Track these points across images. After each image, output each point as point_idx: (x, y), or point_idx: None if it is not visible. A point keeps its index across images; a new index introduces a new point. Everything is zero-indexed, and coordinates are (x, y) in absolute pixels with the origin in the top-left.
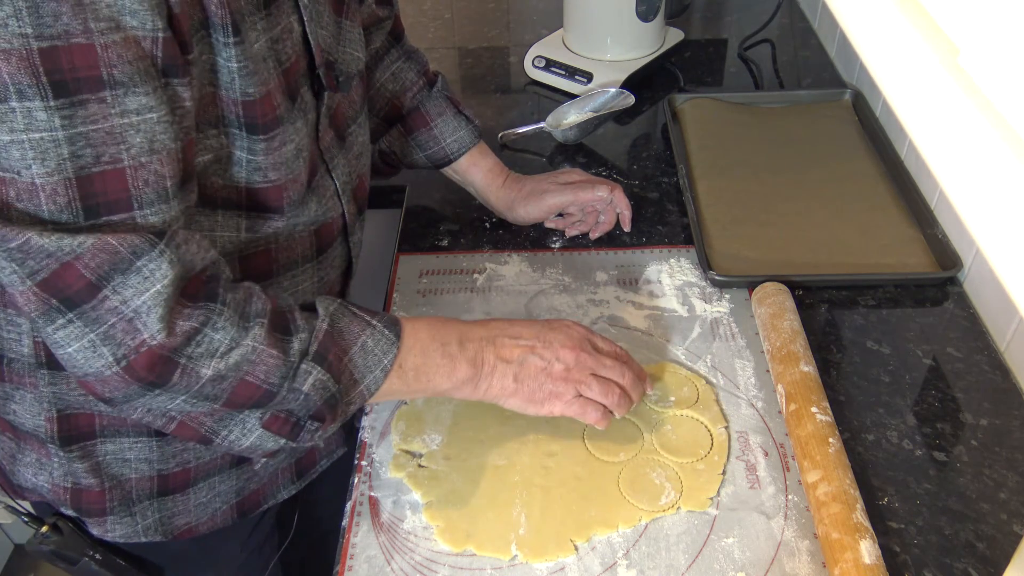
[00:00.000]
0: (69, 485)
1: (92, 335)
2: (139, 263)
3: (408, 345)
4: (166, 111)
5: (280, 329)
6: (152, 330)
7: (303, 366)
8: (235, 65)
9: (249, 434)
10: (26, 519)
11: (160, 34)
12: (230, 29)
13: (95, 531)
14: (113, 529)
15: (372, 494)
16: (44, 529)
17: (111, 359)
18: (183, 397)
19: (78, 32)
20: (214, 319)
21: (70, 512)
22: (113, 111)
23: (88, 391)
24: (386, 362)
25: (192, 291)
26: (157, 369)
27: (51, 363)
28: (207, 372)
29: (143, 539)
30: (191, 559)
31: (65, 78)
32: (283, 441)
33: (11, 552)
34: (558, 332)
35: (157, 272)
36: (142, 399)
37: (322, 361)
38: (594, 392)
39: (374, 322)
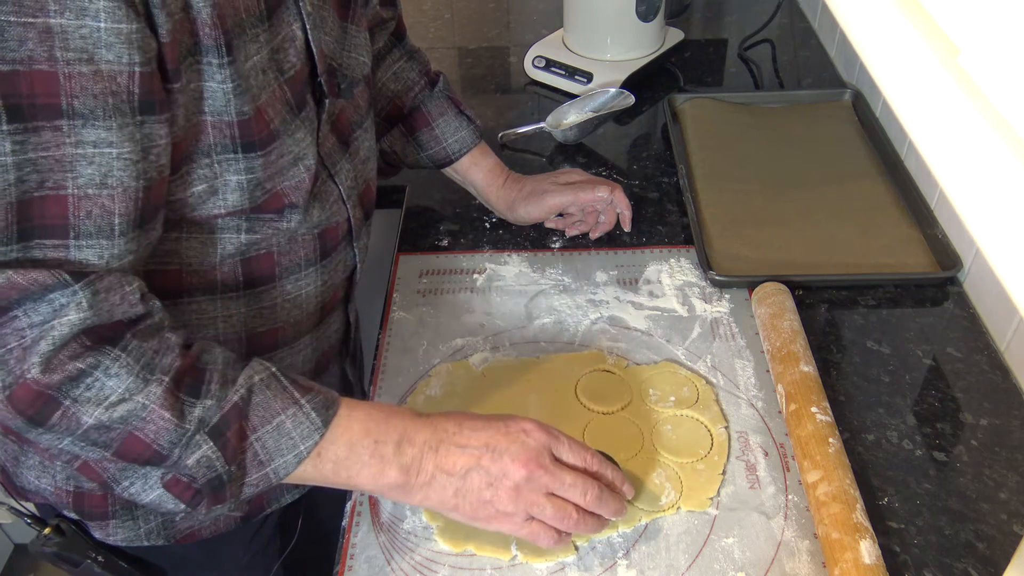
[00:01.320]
0: (72, 488)
1: None
2: (50, 295)
3: (335, 435)
4: (131, 149)
5: (189, 390)
6: (30, 362)
7: (197, 437)
8: (229, 86)
9: (150, 490)
10: (29, 521)
11: (137, 68)
12: (224, 50)
13: (97, 534)
14: (115, 533)
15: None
16: (47, 531)
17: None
18: (68, 439)
19: (42, 59)
20: (107, 364)
21: (72, 515)
22: (67, 140)
23: None
24: (302, 448)
25: (98, 332)
26: (37, 406)
27: None
28: (88, 420)
29: (145, 543)
30: (194, 562)
31: (22, 103)
32: (183, 505)
33: (11, 552)
34: (513, 441)
35: (63, 309)
36: (29, 435)
37: (217, 437)
38: (547, 515)
39: (303, 400)
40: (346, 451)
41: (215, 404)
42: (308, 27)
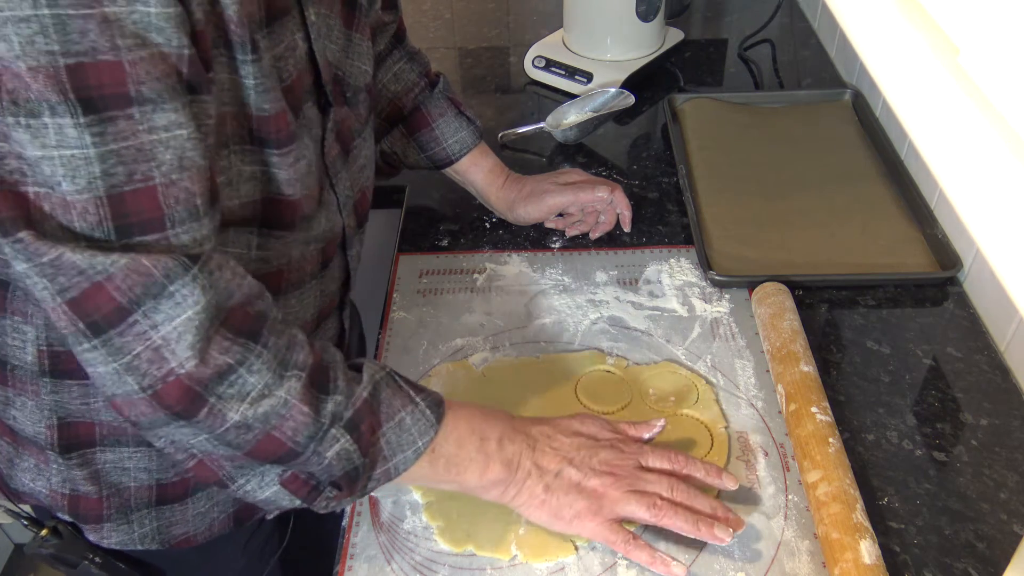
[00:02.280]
0: (67, 491)
1: (115, 364)
2: (172, 287)
3: (446, 432)
4: (194, 128)
5: (318, 386)
6: (181, 357)
7: (333, 431)
8: (252, 82)
9: (266, 488)
10: (26, 522)
11: (186, 51)
12: (249, 47)
13: (92, 537)
14: (110, 536)
15: (372, 494)
16: (44, 532)
17: (136, 387)
18: (206, 436)
19: (105, 49)
20: (251, 360)
21: (67, 518)
22: (141, 128)
23: (117, 412)
24: (420, 444)
25: (236, 324)
26: (185, 401)
27: (54, 372)
28: (234, 416)
29: (139, 547)
30: (190, 564)
31: (92, 95)
32: (298, 501)
33: (11, 552)
34: (603, 447)
35: (190, 298)
36: (166, 428)
37: (353, 430)
38: (631, 509)
39: (418, 399)
40: (456, 448)
41: (344, 400)
42: (312, 37)
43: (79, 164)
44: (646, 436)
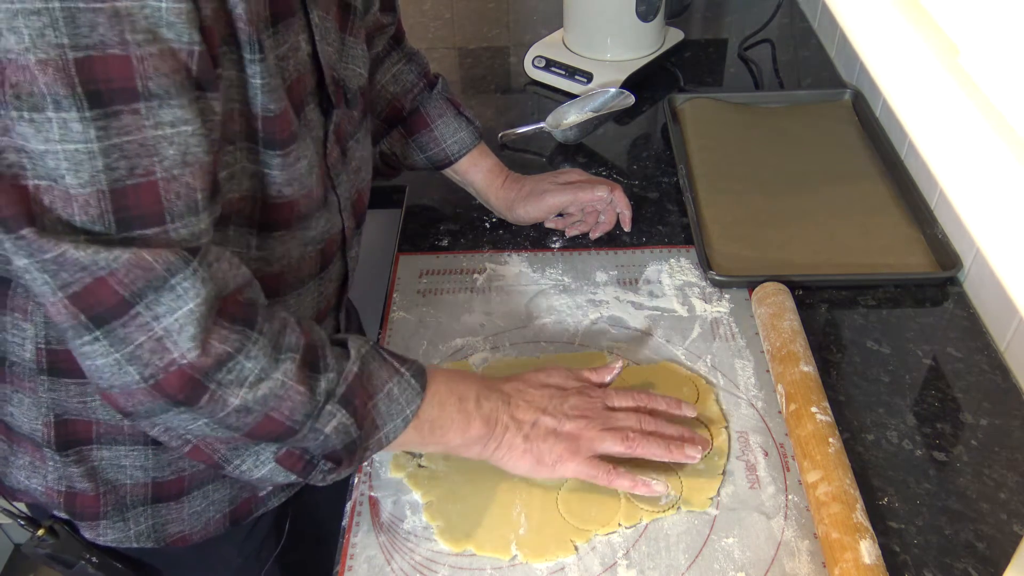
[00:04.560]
0: (63, 488)
1: (117, 355)
2: (173, 280)
3: (428, 396)
4: (200, 124)
5: (310, 366)
6: (183, 348)
7: (328, 407)
8: (258, 81)
9: (262, 466)
10: (22, 522)
11: (196, 47)
12: (256, 46)
13: (88, 535)
14: (106, 533)
15: (372, 494)
16: (41, 532)
17: (137, 377)
18: (205, 420)
19: (114, 43)
20: (248, 347)
21: (63, 515)
22: (147, 123)
23: (109, 403)
24: (408, 412)
25: (231, 313)
26: (187, 389)
27: (52, 370)
28: (235, 401)
29: (135, 544)
30: (187, 563)
31: (100, 88)
32: (293, 476)
33: (12, 552)
34: (572, 394)
35: (191, 291)
36: (165, 415)
37: (347, 404)
38: (607, 445)
39: (402, 369)
40: (438, 411)
41: (336, 376)
42: (316, 39)
43: (83, 158)
44: (607, 379)
